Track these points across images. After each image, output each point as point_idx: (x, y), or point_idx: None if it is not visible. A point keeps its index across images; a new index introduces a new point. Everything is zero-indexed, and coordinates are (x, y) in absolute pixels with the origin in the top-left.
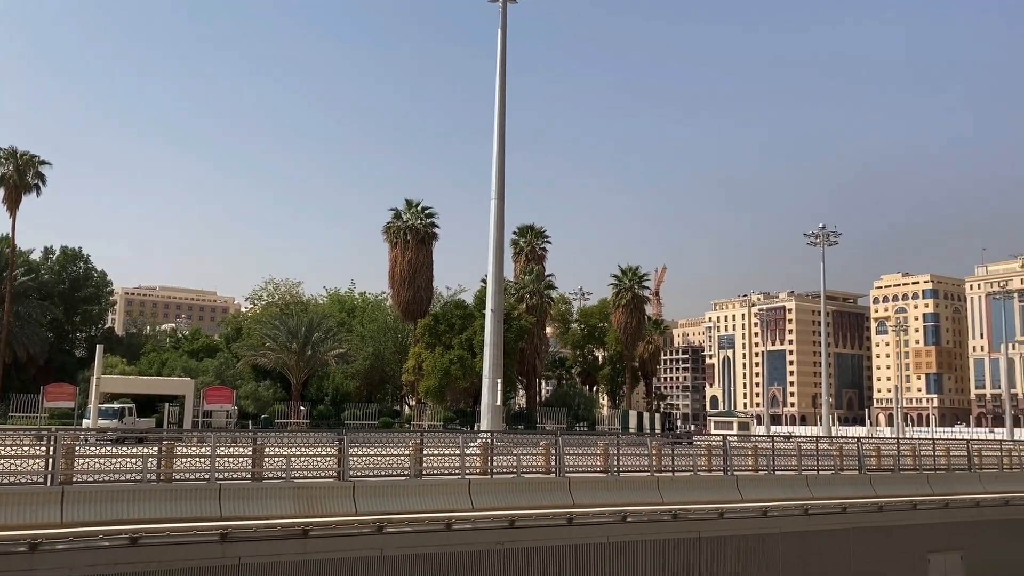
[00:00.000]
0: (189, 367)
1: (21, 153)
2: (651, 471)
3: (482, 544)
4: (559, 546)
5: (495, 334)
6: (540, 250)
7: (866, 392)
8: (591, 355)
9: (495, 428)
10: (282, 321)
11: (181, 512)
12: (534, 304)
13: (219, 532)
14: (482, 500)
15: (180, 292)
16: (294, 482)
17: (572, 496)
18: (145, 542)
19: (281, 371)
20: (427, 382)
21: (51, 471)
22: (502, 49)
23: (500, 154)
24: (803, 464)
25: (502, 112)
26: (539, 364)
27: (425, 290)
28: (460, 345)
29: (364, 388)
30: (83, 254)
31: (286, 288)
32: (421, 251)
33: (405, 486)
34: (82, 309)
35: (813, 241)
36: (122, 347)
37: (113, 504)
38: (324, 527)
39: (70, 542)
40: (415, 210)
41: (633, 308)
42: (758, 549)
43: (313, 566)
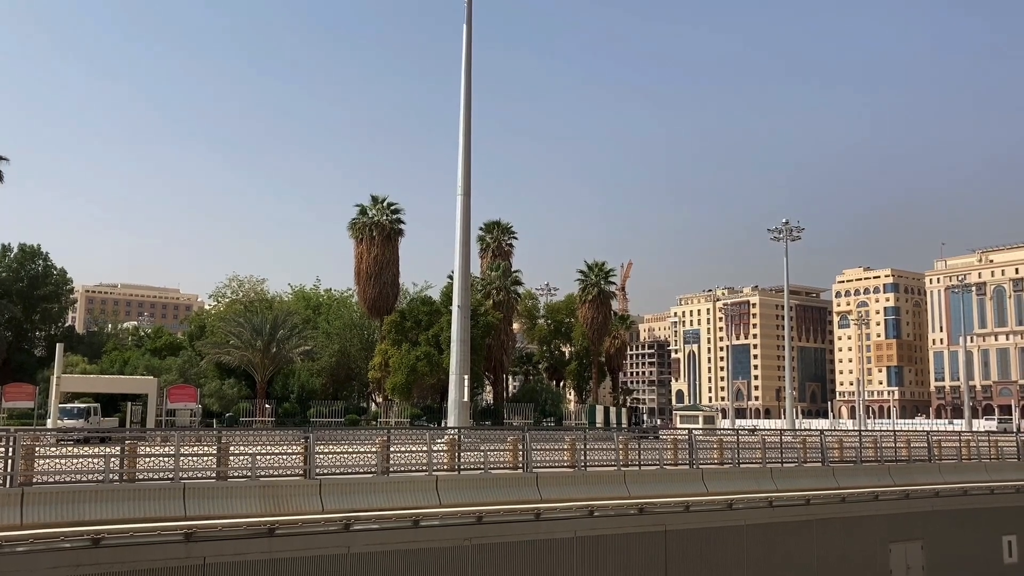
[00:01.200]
0: (152, 365)
1: None
2: (618, 465)
3: (450, 540)
4: (527, 541)
5: (462, 330)
6: (507, 246)
7: (829, 385)
8: (558, 351)
9: (462, 424)
10: (246, 318)
11: (145, 512)
12: (501, 300)
13: (184, 532)
14: (450, 496)
15: (142, 290)
16: (260, 481)
17: (540, 491)
18: (108, 543)
19: (246, 369)
20: (394, 379)
21: (10, 472)
22: (467, 45)
23: (466, 150)
24: (767, 457)
25: (468, 108)
26: (506, 360)
27: (391, 286)
28: (427, 341)
29: (330, 385)
30: (42, 251)
31: (250, 285)
32: (387, 247)
33: (372, 483)
34: (41, 307)
35: (776, 236)
36: (83, 346)
37: (75, 505)
38: (290, 526)
39: (30, 544)
40: (381, 206)
41: (599, 303)
42: (724, 541)
43: (280, 565)
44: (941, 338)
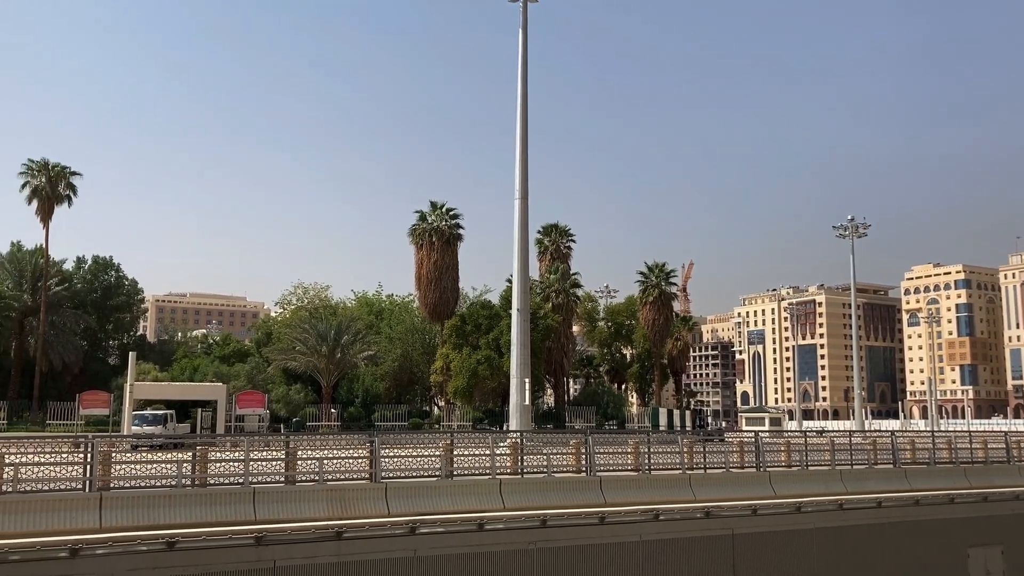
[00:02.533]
0: (221, 372)
1: (52, 165)
2: (683, 469)
3: (514, 544)
4: (591, 545)
5: (522, 334)
6: (565, 248)
7: (899, 385)
8: (619, 353)
9: (524, 428)
10: (311, 325)
11: (216, 516)
12: (560, 303)
13: (254, 535)
14: (513, 500)
15: (210, 298)
16: (327, 484)
17: (603, 495)
18: (182, 546)
19: (311, 374)
20: (455, 383)
21: (89, 477)
22: (523, 48)
23: (523, 153)
24: (836, 459)
25: (524, 111)
26: (566, 363)
27: (451, 291)
28: (487, 345)
29: (393, 389)
30: (114, 263)
31: (315, 292)
32: (446, 252)
33: (436, 487)
34: (114, 317)
35: (842, 233)
36: (154, 354)
37: (150, 509)
38: (358, 529)
39: (109, 547)
40: (440, 212)
41: (661, 305)
42: (792, 545)
43: (348, 568)
44: (1018, 335)
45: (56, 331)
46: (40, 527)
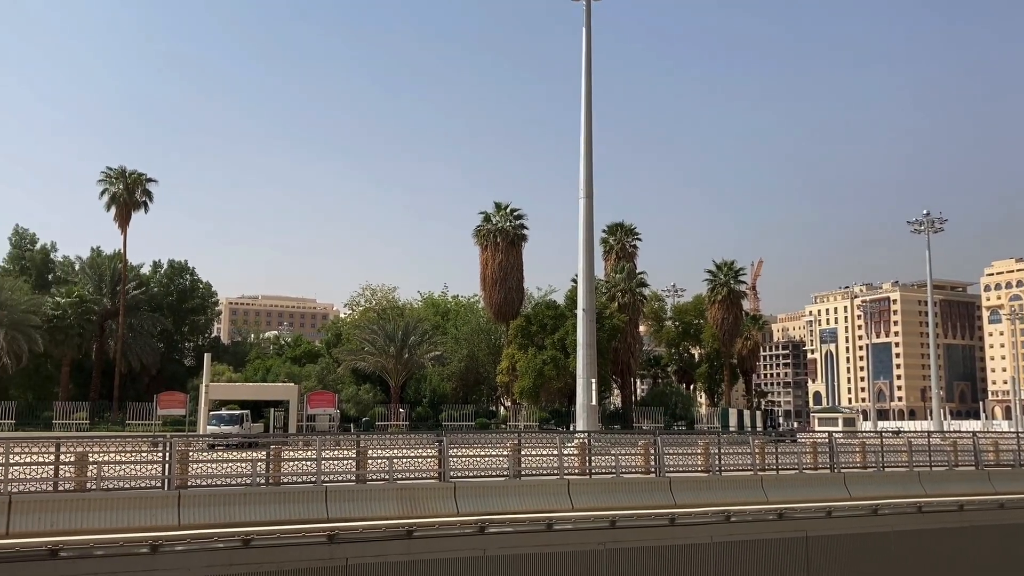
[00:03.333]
0: (292, 373)
1: (130, 172)
2: (754, 470)
3: (583, 544)
4: (661, 546)
5: (588, 334)
6: (631, 248)
7: (979, 384)
8: (687, 353)
9: (591, 428)
10: (379, 326)
11: (290, 514)
12: (626, 302)
13: (327, 533)
14: (582, 500)
15: (281, 300)
16: (397, 483)
17: (673, 496)
18: (257, 544)
19: (380, 374)
20: (521, 383)
21: (168, 476)
22: (587, 46)
23: (587, 152)
24: (914, 460)
25: (588, 109)
26: (633, 363)
27: (516, 291)
28: (553, 345)
29: (460, 389)
30: (189, 266)
31: (382, 293)
32: (511, 253)
33: (505, 486)
34: (190, 320)
35: (917, 228)
36: (228, 355)
37: (226, 507)
38: (427, 528)
39: (187, 544)
40: (504, 212)
41: (729, 304)
42: (869, 548)
43: (418, 566)
44: None
45: (134, 334)
46: (122, 524)
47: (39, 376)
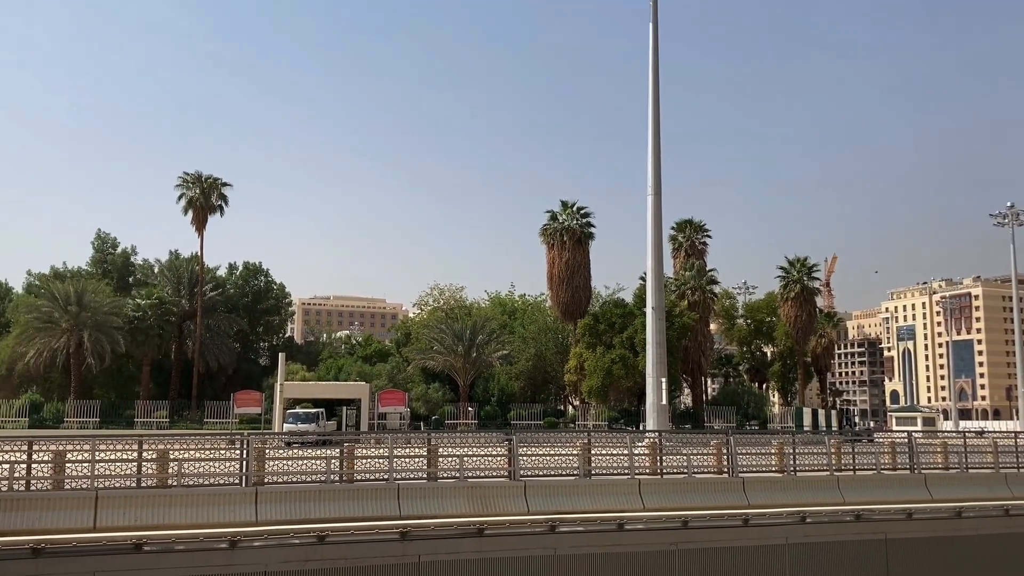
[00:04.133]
0: (363, 372)
1: (206, 177)
2: (830, 470)
3: (655, 545)
4: (735, 547)
5: (657, 332)
6: (700, 244)
7: None
8: (759, 351)
9: (661, 428)
10: (448, 325)
11: (363, 511)
12: (696, 300)
13: (399, 531)
14: (653, 500)
15: (352, 301)
16: (467, 481)
17: (747, 496)
18: (332, 540)
19: (449, 373)
20: (589, 382)
21: (245, 473)
22: (654, 42)
23: (655, 148)
24: (1001, 462)
25: (656, 105)
26: (704, 362)
27: (583, 290)
28: (621, 344)
29: (528, 388)
30: (263, 268)
31: (450, 293)
32: (578, 251)
33: (575, 486)
34: (264, 320)
35: (1000, 222)
36: (301, 354)
37: (301, 504)
38: (498, 526)
39: (265, 540)
40: (571, 211)
41: (803, 301)
42: (953, 552)
43: (489, 564)
44: None
45: (211, 334)
46: (201, 519)
47: (122, 376)
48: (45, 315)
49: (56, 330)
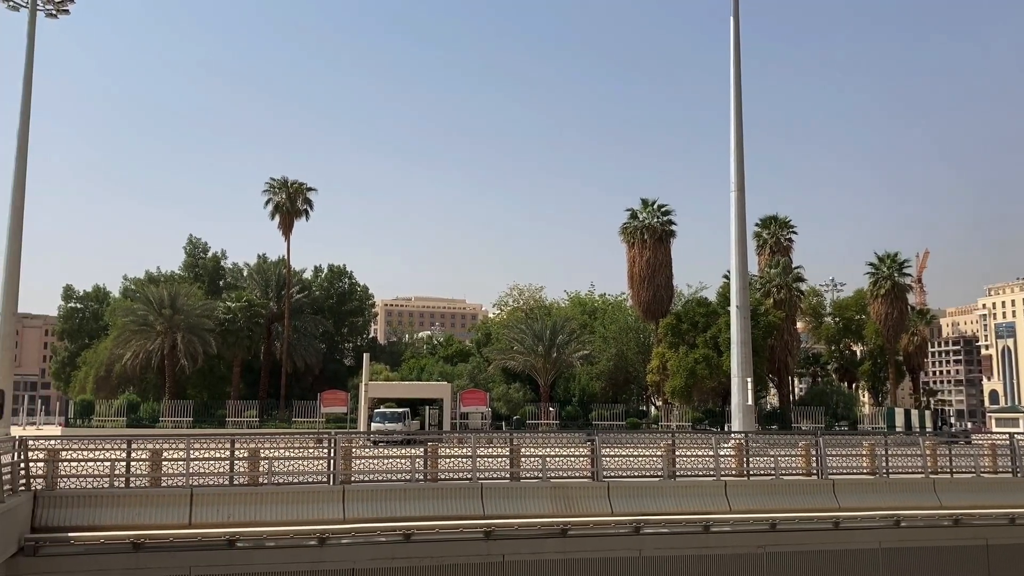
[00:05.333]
0: (445, 372)
1: (291, 182)
2: (925, 472)
3: (742, 547)
4: (824, 551)
5: (742, 331)
6: (785, 241)
7: None
8: (848, 350)
9: (747, 428)
10: (528, 325)
11: (447, 510)
12: (782, 298)
13: (483, 530)
14: (739, 502)
15: (433, 301)
16: (550, 482)
17: (837, 499)
18: (417, 539)
19: (529, 373)
20: (673, 382)
21: (333, 471)
22: (735, 34)
23: (738, 143)
24: None
25: (738, 99)
26: (791, 361)
27: (665, 289)
28: (705, 344)
29: (609, 389)
30: (347, 271)
31: (530, 293)
32: (659, 249)
33: (659, 487)
34: (348, 321)
35: None
36: (384, 355)
37: (387, 502)
38: (582, 527)
39: (352, 537)
40: (651, 209)
41: (894, 298)
42: None
43: (573, 565)
44: None
45: (298, 335)
46: (291, 517)
47: (213, 376)
48: (141, 318)
49: (151, 332)
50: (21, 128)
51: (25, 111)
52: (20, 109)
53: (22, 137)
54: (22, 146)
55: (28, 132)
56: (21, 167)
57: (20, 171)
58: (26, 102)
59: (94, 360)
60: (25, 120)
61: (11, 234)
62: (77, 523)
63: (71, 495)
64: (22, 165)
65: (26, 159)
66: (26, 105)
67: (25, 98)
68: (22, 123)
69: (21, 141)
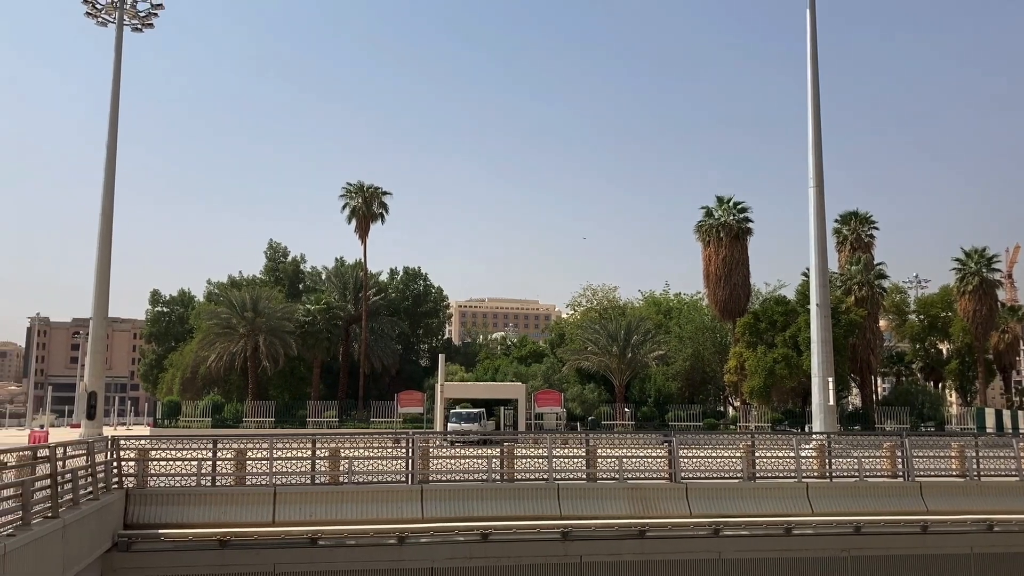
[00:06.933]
0: (519, 372)
1: (367, 186)
2: (1020, 475)
3: (825, 550)
4: (913, 555)
5: (822, 330)
6: (866, 237)
7: None
8: (933, 348)
9: (829, 429)
10: (602, 325)
11: (523, 510)
12: (863, 296)
13: (560, 531)
14: (821, 504)
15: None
16: (627, 483)
17: (924, 502)
18: (495, 538)
19: (604, 374)
20: (751, 382)
21: (411, 471)
22: (811, 30)
23: (816, 139)
24: None
25: (815, 94)
26: (873, 360)
27: (742, 287)
28: (784, 343)
29: (685, 389)
30: (422, 273)
31: (603, 293)
32: (735, 247)
33: (739, 489)
34: (424, 323)
35: None
36: (459, 356)
37: (464, 502)
38: (660, 528)
39: (431, 536)
40: (727, 206)
41: (982, 294)
42: None
43: (652, 566)
44: None
45: (375, 337)
46: (370, 515)
47: (294, 377)
48: (224, 321)
49: (234, 335)
50: (110, 139)
51: (113, 120)
52: (108, 118)
53: (111, 147)
54: (111, 156)
55: (116, 142)
56: (110, 176)
57: (109, 179)
58: (114, 112)
59: (180, 362)
60: (113, 130)
61: (101, 240)
62: (166, 520)
63: (160, 493)
64: (111, 174)
65: (114, 168)
66: (114, 115)
67: (113, 108)
68: (110, 133)
69: (110, 151)
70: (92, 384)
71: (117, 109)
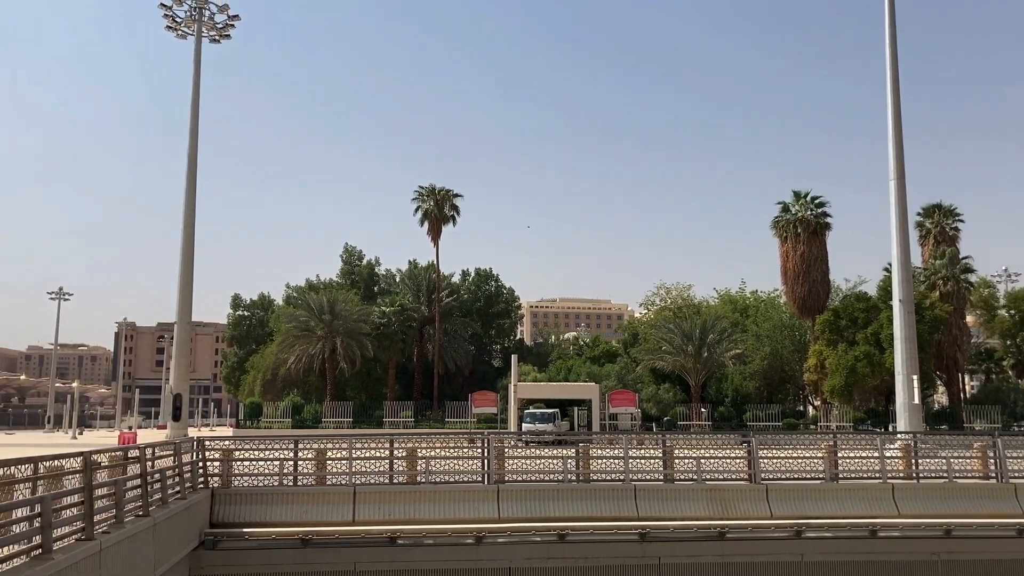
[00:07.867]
0: (592, 372)
1: (439, 189)
2: None
3: (913, 554)
4: (1008, 560)
5: (906, 327)
6: (951, 230)
7: None
8: None
9: (914, 428)
10: (676, 324)
11: (599, 511)
12: (948, 291)
13: (638, 532)
14: (908, 506)
15: (577, 302)
16: (705, 484)
17: (1020, 504)
18: (572, 539)
19: (679, 373)
20: (831, 381)
21: (487, 471)
22: (890, 21)
23: (896, 130)
24: None
25: (895, 84)
26: (960, 357)
27: (821, 284)
28: (865, 340)
29: (764, 389)
30: (493, 274)
31: (677, 292)
32: (813, 243)
33: (821, 490)
34: (496, 323)
35: None
36: (532, 356)
37: (540, 502)
38: (740, 530)
39: (508, 536)
40: (804, 201)
41: None
42: None
43: (732, 568)
44: None
45: (449, 338)
46: (448, 515)
47: (370, 378)
48: (303, 324)
49: (313, 337)
50: (191, 148)
51: (193, 130)
52: (188, 127)
53: (191, 157)
54: (191, 164)
55: (196, 151)
56: (191, 184)
57: (190, 188)
58: (194, 121)
59: (261, 364)
60: (194, 139)
61: (184, 247)
62: (250, 519)
63: (244, 492)
64: (191, 182)
65: (195, 176)
66: (194, 124)
67: (193, 118)
68: (191, 142)
69: (191, 160)
70: (177, 386)
71: (197, 118)
